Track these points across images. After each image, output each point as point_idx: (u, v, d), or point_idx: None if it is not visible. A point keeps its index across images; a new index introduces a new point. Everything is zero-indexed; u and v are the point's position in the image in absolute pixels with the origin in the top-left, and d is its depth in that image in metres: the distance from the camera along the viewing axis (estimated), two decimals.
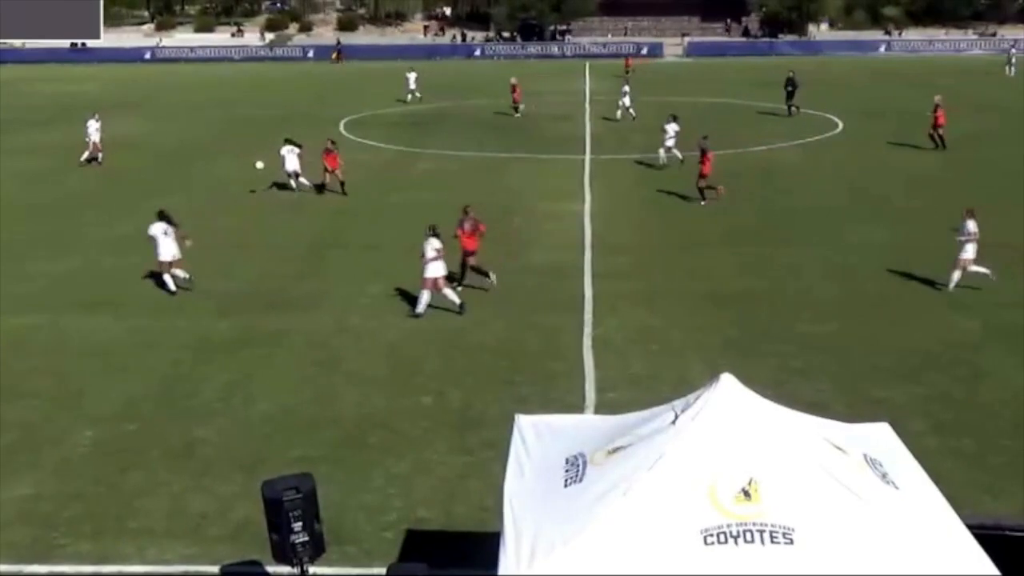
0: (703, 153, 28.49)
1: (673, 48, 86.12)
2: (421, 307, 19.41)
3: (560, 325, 19.03)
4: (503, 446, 8.86)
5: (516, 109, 47.76)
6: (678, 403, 8.04)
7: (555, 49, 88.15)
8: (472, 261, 20.87)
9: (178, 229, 21.31)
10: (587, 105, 50.85)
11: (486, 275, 20.87)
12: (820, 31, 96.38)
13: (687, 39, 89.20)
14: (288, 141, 31.21)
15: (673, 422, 7.74)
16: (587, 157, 36.39)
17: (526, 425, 9.12)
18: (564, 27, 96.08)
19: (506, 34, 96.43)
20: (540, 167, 34.92)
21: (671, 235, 25.29)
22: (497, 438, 11.63)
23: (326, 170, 30.59)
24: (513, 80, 48.65)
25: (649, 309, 19.82)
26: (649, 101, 46.96)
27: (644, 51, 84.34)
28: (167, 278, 21.15)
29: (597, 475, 7.70)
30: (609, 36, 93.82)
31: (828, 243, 24.41)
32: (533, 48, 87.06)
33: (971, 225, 20.33)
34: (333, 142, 31.41)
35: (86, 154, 36.69)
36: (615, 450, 7.92)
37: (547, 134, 41.03)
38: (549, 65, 73.23)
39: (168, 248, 21.09)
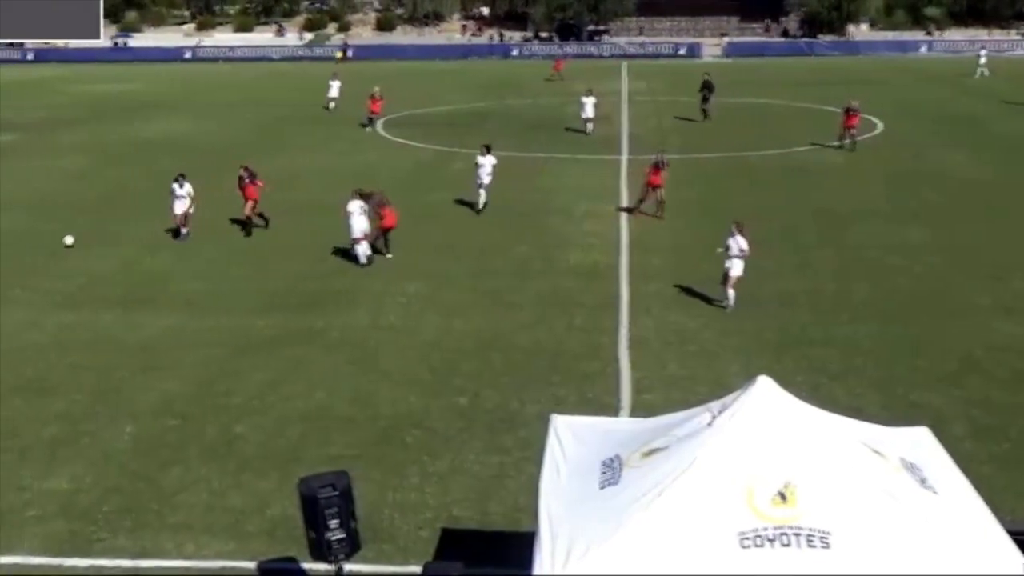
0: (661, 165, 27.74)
1: (712, 48, 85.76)
2: (362, 259, 22.89)
3: (597, 326, 19.01)
4: (539, 446, 8.87)
5: (369, 123, 44.17)
6: (714, 405, 8.02)
7: (592, 49, 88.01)
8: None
9: None
10: (624, 105, 50.73)
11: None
12: (860, 31, 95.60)
13: (726, 39, 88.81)
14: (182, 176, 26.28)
15: (709, 424, 7.72)
16: (624, 157, 36.31)
17: (562, 426, 9.12)
18: (601, 27, 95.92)
19: (544, 34, 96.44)
20: (577, 167, 34.86)
21: (709, 236, 25.09)
22: (533, 438, 11.65)
23: (247, 201, 26.16)
24: (376, 90, 45.00)
25: (686, 310, 19.75)
26: (687, 102, 46.75)
27: (685, 51, 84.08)
28: None
29: (633, 477, 7.69)
30: (642, 36, 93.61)
31: (868, 244, 24.21)
32: (570, 48, 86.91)
33: (742, 241, 19.44)
34: (247, 168, 26.57)
35: None
36: (651, 452, 7.91)
37: (584, 134, 40.98)
38: (586, 65, 73.07)
39: None
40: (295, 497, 9.82)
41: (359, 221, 22.88)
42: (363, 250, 23.01)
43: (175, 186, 25.82)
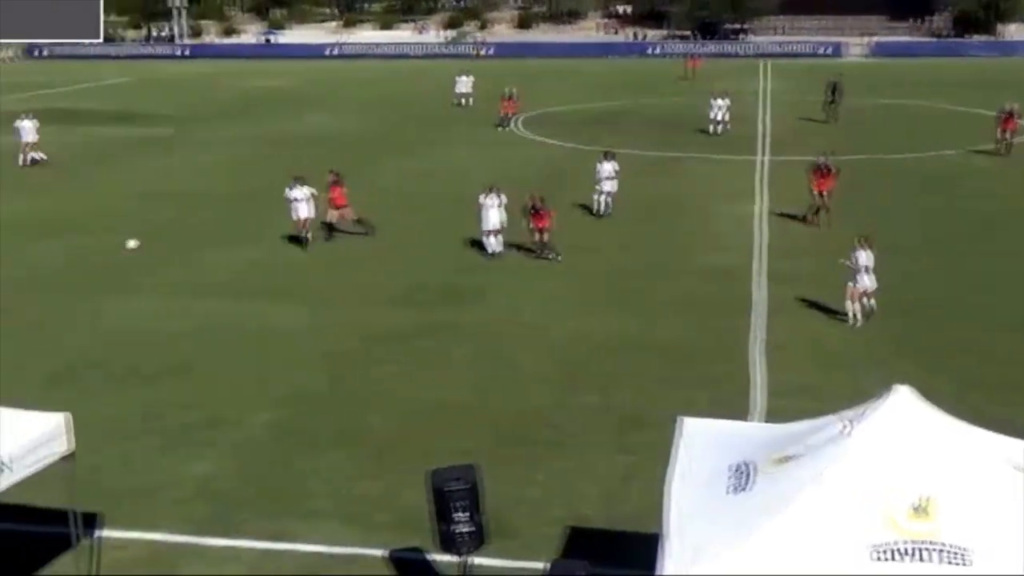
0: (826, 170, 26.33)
1: (856, 48, 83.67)
2: (490, 249, 23.58)
3: (730, 328, 18.75)
4: (667, 448, 8.79)
5: (503, 123, 43.69)
6: (850, 413, 7.83)
7: (732, 48, 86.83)
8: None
9: None
10: (763, 105, 49.92)
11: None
12: (1012, 31, 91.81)
13: (871, 39, 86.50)
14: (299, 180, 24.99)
15: (845, 433, 7.54)
16: (763, 158, 35.76)
17: (690, 428, 9.03)
18: (740, 26, 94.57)
19: (683, 32, 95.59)
20: (714, 167, 34.48)
21: (849, 239, 24.46)
22: (661, 440, 11.52)
23: (334, 207, 25.46)
24: (510, 90, 44.64)
25: (822, 315, 19.30)
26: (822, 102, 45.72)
27: (828, 51, 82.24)
28: None
29: (763, 484, 7.56)
30: (784, 34, 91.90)
31: (1020, 250, 23.30)
32: (710, 47, 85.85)
33: (863, 256, 18.48)
34: (335, 173, 25.82)
35: (28, 156, 36.87)
36: (783, 459, 7.76)
37: (714, 135, 40.44)
38: (726, 64, 72.17)
39: None
40: (424, 488, 9.93)
41: (492, 214, 23.37)
42: (493, 243, 23.55)
43: (288, 190, 24.73)
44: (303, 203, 24.58)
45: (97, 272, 23.13)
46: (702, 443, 8.69)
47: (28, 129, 37.16)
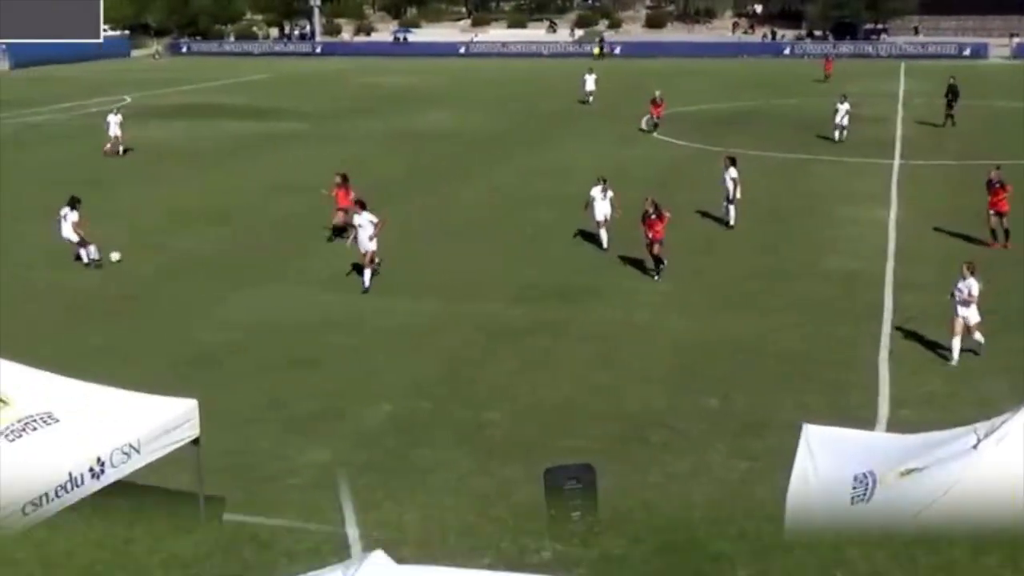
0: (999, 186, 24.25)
1: (999, 49, 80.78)
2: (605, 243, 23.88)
3: (856, 335, 18.31)
4: (787, 454, 8.65)
5: (654, 126, 42.79)
6: (981, 426, 7.60)
7: (869, 48, 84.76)
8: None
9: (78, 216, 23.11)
10: (900, 107, 48.64)
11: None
12: None
13: (1015, 40, 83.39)
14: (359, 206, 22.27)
15: (974, 446, 7.31)
16: (896, 162, 34.81)
17: (814, 435, 8.87)
18: (881, 26, 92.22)
19: (818, 32, 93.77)
20: (844, 170, 33.69)
21: (982, 248, 23.66)
22: (781, 446, 11.35)
23: (340, 209, 24.92)
24: (657, 93, 43.67)
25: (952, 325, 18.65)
26: (967, 106, 44.28)
27: (969, 52, 79.62)
28: (81, 252, 23.32)
29: (887, 496, 7.38)
30: (923, 35, 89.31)
31: None
32: (845, 47, 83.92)
33: (974, 285, 16.90)
34: (343, 176, 25.51)
35: (108, 146, 38.63)
36: (908, 471, 7.56)
37: (854, 136, 39.47)
38: (862, 66, 70.53)
39: (66, 229, 23.07)
40: (539, 486, 9.95)
41: (601, 206, 24.07)
42: (604, 235, 24.17)
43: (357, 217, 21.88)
44: (364, 228, 21.55)
45: (226, 263, 23.80)
46: (826, 451, 8.53)
47: (112, 123, 38.95)
